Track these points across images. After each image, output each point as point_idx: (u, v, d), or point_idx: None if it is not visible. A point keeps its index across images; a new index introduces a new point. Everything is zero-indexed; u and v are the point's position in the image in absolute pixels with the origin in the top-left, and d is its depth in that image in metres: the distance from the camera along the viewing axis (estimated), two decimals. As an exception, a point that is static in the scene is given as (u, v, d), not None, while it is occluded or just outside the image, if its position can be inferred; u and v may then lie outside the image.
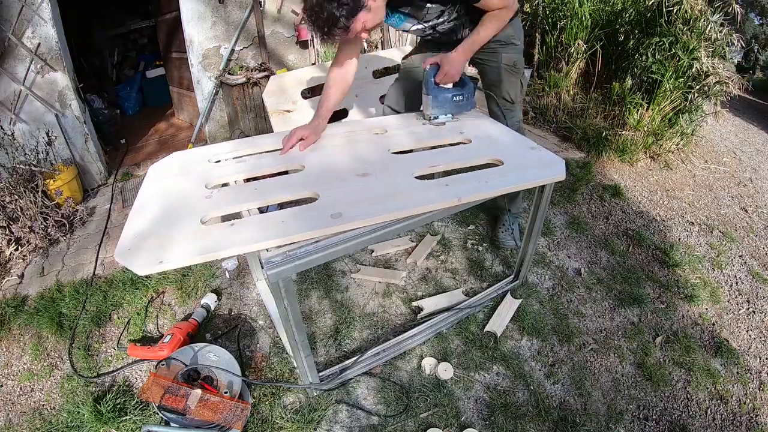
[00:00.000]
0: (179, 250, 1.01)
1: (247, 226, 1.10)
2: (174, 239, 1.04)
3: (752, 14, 6.45)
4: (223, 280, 1.90)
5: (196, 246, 1.02)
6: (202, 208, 1.16)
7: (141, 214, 1.16)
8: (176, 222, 1.11)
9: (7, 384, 1.53)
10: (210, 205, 1.18)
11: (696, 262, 2.07)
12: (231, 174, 1.36)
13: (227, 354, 1.37)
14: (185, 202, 1.20)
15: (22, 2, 2.18)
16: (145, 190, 1.28)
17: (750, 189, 2.84)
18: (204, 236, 1.05)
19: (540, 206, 1.53)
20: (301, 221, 1.10)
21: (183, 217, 1.13)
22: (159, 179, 1.34)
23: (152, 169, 1.40)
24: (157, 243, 1.04)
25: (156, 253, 1.00)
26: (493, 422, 1.35)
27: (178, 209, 1.17)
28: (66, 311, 1.76)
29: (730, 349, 1.66)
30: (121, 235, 1.07)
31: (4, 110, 2.32)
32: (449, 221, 2.24)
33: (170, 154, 1.48)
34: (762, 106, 4.96)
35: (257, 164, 1.41)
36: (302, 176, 1.33)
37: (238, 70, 2.99)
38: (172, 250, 1.01)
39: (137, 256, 1.00)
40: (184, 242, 1.03)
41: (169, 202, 1.21)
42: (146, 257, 0.99)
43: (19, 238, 2.11)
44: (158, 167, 1.41)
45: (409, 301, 1.78)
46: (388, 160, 1.40)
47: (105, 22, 4.09)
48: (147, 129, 3.74)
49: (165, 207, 1.18)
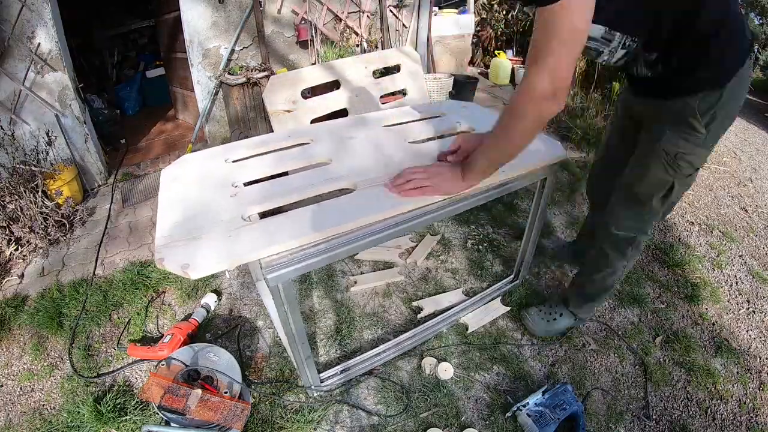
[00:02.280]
0: (233, 248, 0.97)
1: (287, 222, 1.06)
2: (215, 238, 1.01)
3: (752, 14, 6.44)
4: (223, 280, 1.90)
5: (247, 241, 0.99)
6: (233, 207, 1.13)
7: (168, 218, 1.10)
8: (212, 222, 1.06)
9: (7, 384, 1.53)
10: (242, 203, 1.14)
11: (696, 262, 2.07)
12: (256, 170, 1.31)
13: (227, 354, 1.36)
14: (213, 202, 1.16)
15: (22, 2, 2.18)
16: (165, 193, 1.22)
17: (750, 189, 2.84)
18: (250, 232, 1.02)
19: (540, 203, 1.53)
20: (340, 214, 1.08)
21: (218, 216, 1.09)
22: (176, 182, 1.28)
23: (165, 173, 1.33)
24: (203, 245, 0.99)
25: (210, 254, 0.96)
26: (493, 422, 1.35)
27: (208, 209, 1.12)
28: (66, 311, 1.76)
29: (730, 349, 1.66)
30: (156, 245, 1.01)
31: (4, 110, 2.32)
32: (449, 221, 2.24)
33: (180, 158, 1.43)
34: (763, 105, 4.96)
35: (281, 159, 1.37)
36: (330, 170, 1.30)
37: (238, 70, 2.99)
38: (222, 250, 0.97)
39: (189, 262, 0.94)
40: (231, 240, 0.99)
41: (194, 204, 1.15)
42: (200, 261, 0.94)
43: (19, 238, 2.11)
44: (172, 171, 1.35)
45: (409, 301, 1.78)
46: (408, 150, 1.41)
47: (105, 22, 4.09)
48: (147, 129, 3.74)
49: (193, 209, 1.13)
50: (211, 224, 1.06)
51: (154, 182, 2.81)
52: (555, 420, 1.27)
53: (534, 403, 1.33)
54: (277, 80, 2.45)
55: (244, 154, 1.43)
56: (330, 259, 1.08)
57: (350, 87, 2.66)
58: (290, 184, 1.24)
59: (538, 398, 1.35)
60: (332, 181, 1.23)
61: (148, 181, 2.82)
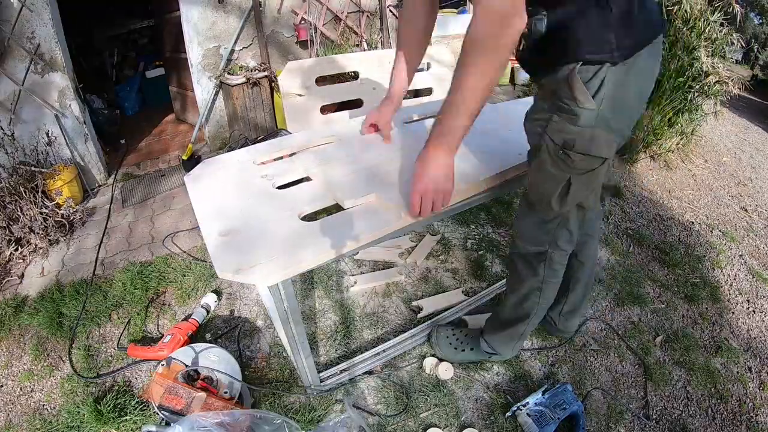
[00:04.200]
0: (304, 254, 0.95)
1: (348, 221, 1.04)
2: (278, 240, 0.98)
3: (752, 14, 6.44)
4: (223, 280, 1.90)
5: (317, 243, 0.97)
6: (287, 205, 1.10)
7: (216, 227, 1.04)
8: (268, 224, 1.03)
9: (7, 384, 1.53)
10: (294, 201, 1.12)
11: (696, 262, 2.07)
12: (298, 169, 1.26)
13: (227, 354, 1.36)
14: (260, 203, 1.12)
15: (22, 2, 2.18)
16: (199, 204, 1.15)
17: (750, 188, 2.84)
18: (312, 232, 1.01)
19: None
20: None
21: (271, 216, 1.06)
22: (208, 188, 1.22)
23: (189, 179, 1.26)
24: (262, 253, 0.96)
25: (277, 259, 0.93)
26: (493, 422, 1.35)
27: (256, 210, 1.09)
28: (66, 311, 1.76)
29: (730, 348, 1.66)
30: (214, 260, 0.95)
31: (4, 110, 2.32)
32: (449, 221, 2.24)
33: (201, 162, 1.35)
34: (763, 105, 4.97)
35: (322, 158, 1.31)
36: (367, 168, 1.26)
37: (238, 70, 2.99)
38: (292, 254, 0.94)
39: (254, 270, 0.91)
40: (296, 242, 0.98)
41: (240, 206, 1.11)
42: (266, 267, 0.92)
43: (19, 238, 2.11)
44: (197, 176, 1.27)
45: (409, 301, 1.78)
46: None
47: (105, 22, 4.09)
48: (147, 129, 3.74)
49: (242, 212, 1.08)
50: (263, 228, 1.03)
51: (154, 182, 2.81)
52: (555, 420, 1.27)
53: (534, 403, 1.33)
54: (295, 65, 2.46)
55: (269, 156, 1.37)
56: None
57: (369, 79, 2.67)
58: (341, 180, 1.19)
59: (538, 398, 1.35)
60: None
61: (148, 181, 2.82)
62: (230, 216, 1.07)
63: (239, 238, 1.00)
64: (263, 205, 1.11)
